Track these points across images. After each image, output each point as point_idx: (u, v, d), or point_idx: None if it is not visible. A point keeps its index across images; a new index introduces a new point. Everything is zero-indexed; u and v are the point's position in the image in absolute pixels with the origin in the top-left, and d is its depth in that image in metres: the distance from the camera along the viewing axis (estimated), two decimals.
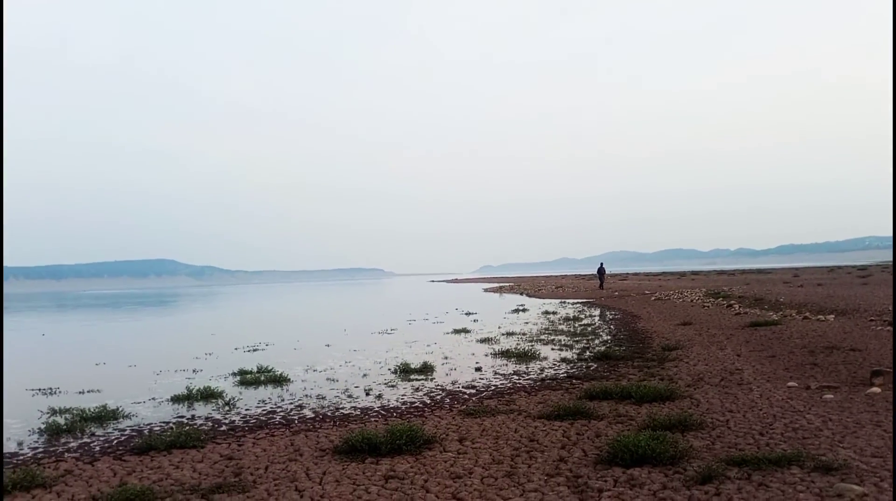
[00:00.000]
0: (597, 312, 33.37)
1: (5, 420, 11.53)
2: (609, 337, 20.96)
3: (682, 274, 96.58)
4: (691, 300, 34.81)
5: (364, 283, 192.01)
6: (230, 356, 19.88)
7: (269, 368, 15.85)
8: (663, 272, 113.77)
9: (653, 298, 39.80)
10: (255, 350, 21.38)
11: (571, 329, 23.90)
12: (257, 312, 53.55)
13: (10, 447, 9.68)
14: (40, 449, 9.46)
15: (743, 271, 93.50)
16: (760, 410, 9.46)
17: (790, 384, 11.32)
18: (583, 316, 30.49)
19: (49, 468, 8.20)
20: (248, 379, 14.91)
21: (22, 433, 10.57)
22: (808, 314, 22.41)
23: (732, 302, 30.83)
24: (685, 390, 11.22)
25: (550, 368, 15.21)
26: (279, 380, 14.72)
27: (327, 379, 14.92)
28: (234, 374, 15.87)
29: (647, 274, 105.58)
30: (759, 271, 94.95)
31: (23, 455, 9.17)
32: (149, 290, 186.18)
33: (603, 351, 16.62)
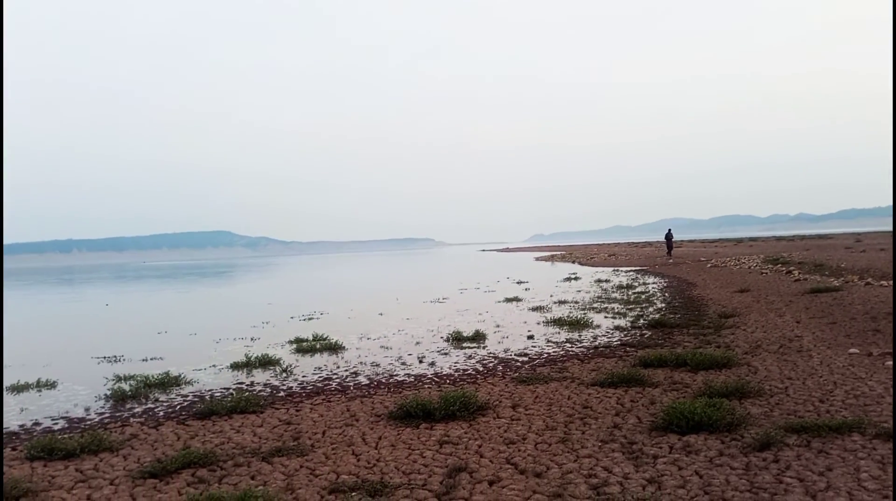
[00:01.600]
0: (651, 280, 32.96)
1: (74, 387, 12.03)
2: (663, 305, 20.71)
3: (739, 241, 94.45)
4: (749, 267, 34.08)
5: (415, 253, 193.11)
6: (286, 325, 20.27)
7: (325, 336, 16.12)
8: (719, 239, 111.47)
9: (708, 265, 39.08)
10: (310, 319, 21.76)
11: (625, 297, 23.67)
12: (311, 282, 54.36)
13: (77, 412, 10.09)
14: (107, 415, 9.83)
15: (802, 237, 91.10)
16: (820, 377, 9.27)
17: (851, 350, 11.05)
18: (636, 284, 30.16)
19: (115, 432, 8.52)
20: (304, 347, 15.21)
21: (89, 399, 10.99)
22: (870, 279, 21.73)
23: (791, 268, 30.08)
24: (742, 357, 11.05)
25: (603, 336, 15.13)
26: (334, 348, 14.98)
27: (381, 347, 15.11)
28: (290, 342, 16.20)
29: (702, 241, 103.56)
30: (820, 237, 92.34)
31: (90, 420, 9.55)
32: (206, 261, 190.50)
33: (657, 319, 16.45)
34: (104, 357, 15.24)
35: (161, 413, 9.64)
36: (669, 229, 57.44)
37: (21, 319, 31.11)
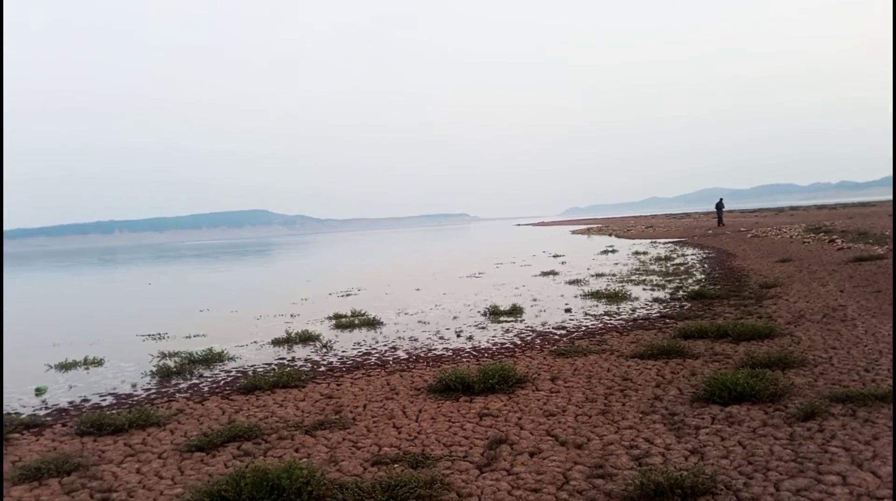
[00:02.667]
0: (689, 251, 32.56)
1: (120, 364, 12.32)
2: (703, 276, 20.47)
3: (780, 210, 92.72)
4: (790, 236, 33.46)
5: (450, 228, 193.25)
6: (325, 301, 20.48)
7: (363, 312, 16.26)
8: (760, 209, 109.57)
9: (749, 235, 38.46)
10: (348, 295, 21.94)
11: (663, 269, 23.44)
12: (348, 258, 54.74)
13: (124, 389, 10.34)
14: (153, 390, 10.06)
15: (845, 205, 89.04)
16: (866, 346, 9.11)
17: None
18: (675, 256, 29.83)
19: (162, 407, 8.72)
20: (343, 323, 15.36)
21: (135, 375, 11.25)
22: None
23: (834, 237, 29.46)
24: (785, 327, 10.90)
25: (642, 308, 15.01)
26: (373, 323, 15.10)
27: (419, 322, 15.19)
28: (329, 318, 16.37)
29: (742, 211, 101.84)
30: (863, 205, 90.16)
31: (137, 396, 9.78)
32: (244, 240, 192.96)
33: (697, 290, 16.26)
34: (149, 335, 15.56)
35: (206, 389, 9.83)
36: (721, 199, 56.37)
37: (67, 298, 31.90)
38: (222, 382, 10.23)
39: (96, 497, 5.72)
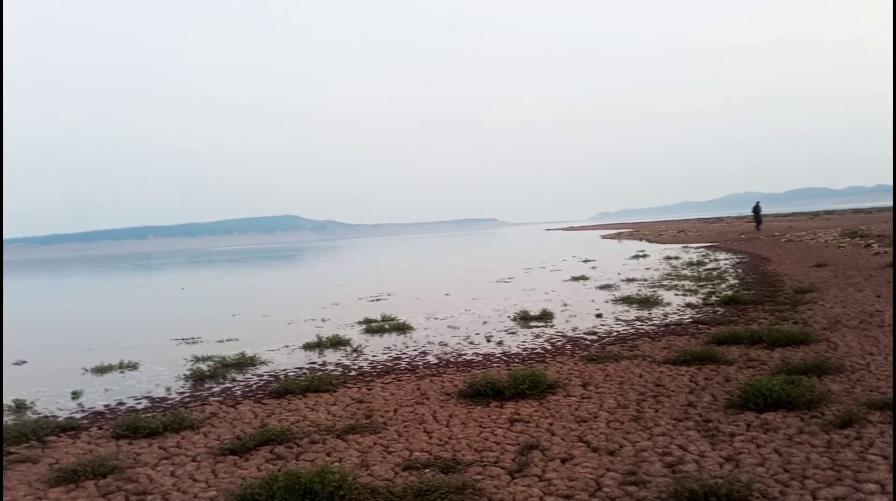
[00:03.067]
0: (722, 256, 32.18)
1: (155, 368, 12.49)
2: (736, 281, 20.21)
3: (815, 214, 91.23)
4: (825, 241, 32.93)
5: (479, 233, 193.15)
6: (355, 306, 20.57)
7: (393, 316, 16.31)
8: (794, 213, 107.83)
9: (783, 239, 37.91)
10: (377, 300, 22.02)
11: (696, 274, 23.18)
12: (377, 263, 54.95)
13: (159, 392, 10.48)
14: (187, 394, 10.18)
15: (881, 209, 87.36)
16: None
17: None
18: (707, 261, 29.50)
19: (196, 411, 8.82)
20: (373, 327, 15.43)
21: (169, 379, 11.40)
22: None
23: (871, 242, 28.91)
24: (821, 333, 10.71)
25: (674, 313, 14.86)
26: (402, 328, 15.14)
27: (448, 327, 15.20)
28: (359, 323, 16.44)
29: (776, 215, 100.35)
30: None
31: (171, 399, 9.91)
32: (275, 245, 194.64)
33: (730, 296, 16.05)
34: (182, 339, 15.75)
35: (238, 392, 9.93)
36: (757, 202, 55.42)
37: (102, 303, 32.43)
38: (255, 386, 10.32)
39: (132, 499, 5.79)
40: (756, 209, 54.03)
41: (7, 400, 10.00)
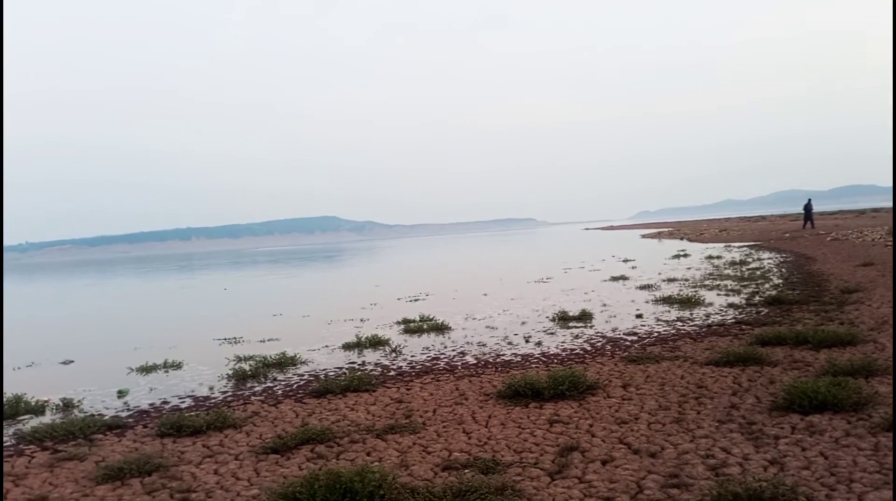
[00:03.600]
0: (766, 255, 31.61)
1: (198, 367, 12.70)
2: (780, 281, 19.83)
3: (862, 212, 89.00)
4: (872, 240, 32.13)
5: (517, 233, 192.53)
6: (393, 306, 20.67)
7: (431, 317, 16.35)
8: (840, 211, 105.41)
9: (828, 238, 37.09)
10: (416, 300, 22.09)
11: (738, 274, 22.80)
12: (415, 264, 55.12)
13: (202, 391, 10.65)
14: (229, 393, 10.33)
15: None
16: None
17: None
18: (750, 260, 28.99)
19: (238, 410, 8.95)
20: (411, 327, 15.49)
21: (212, 378, 11.58)
22: None
23: None
24: (868, 334, 10.47)
25: (716, 313, 14.65)
26: (440, 328, 15.17)
27: (486, 327, 15.18)
28: (398, 323, 16.52)
29: (821, 213, 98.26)
30: None
31: (214, 398, 10.06)
32: (315, 245, 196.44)
33: (774, 295, 15.76)
34: (224, 339, 15.99)
35: (279, 392, 10.04)
36: (809, 200, 54.13)
37: (147, 304, 33.07)
38: (295, 385, 10.43)
39: (176, 497, 5.90)
40: (807, 207, 52.79)
41: (55, 399, 10.27)
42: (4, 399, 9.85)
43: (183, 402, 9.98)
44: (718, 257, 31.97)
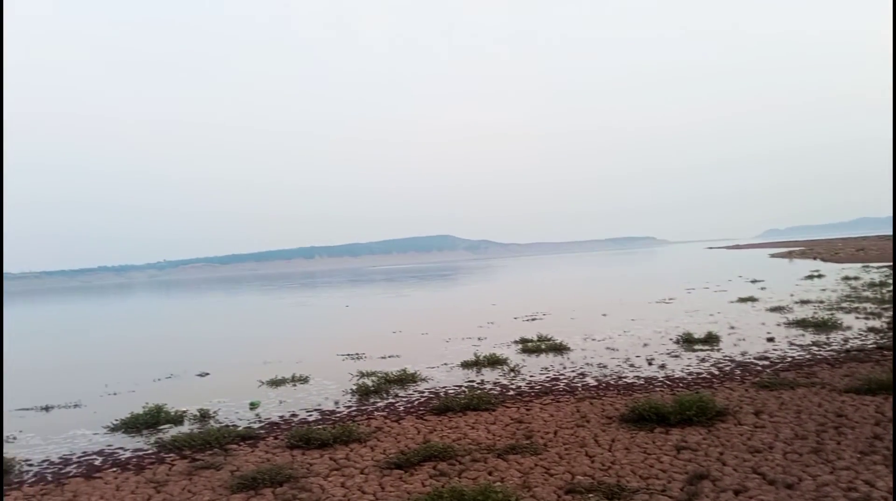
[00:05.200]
0: None
1: (323, 382, 13.11)
2: None
3: None
4: None
5: (636, 252, 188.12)
6: (510, 325, 20.64)
7: (549, 336, 16.21)
8: None
9: None
10: (533, 320, 21.98)
11: (879, 296, 21.39)
12: (531, 283, 54.84)
13: (328, 405, 10.99)
14: (354, 408, 10.61)
15: None
16: None
17: None
18: (891, 281, 27.12)
19: (363, 424, 9.17)
20: (529, 347, 15.41)
21: (337, 393, 11.93)
22: None
23: None
24: None
25: (856, 338, 13.79)
26: (559, 348, 15.01)
27: (606, 348, 14.90)
28: (515, 342, 16.47)
29: None
30: None
31: (339, 412, 10.36)
32: (431, 264, 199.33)
33: None
34: (347, 354, 16.45)
35: (401, 408, 10.23)
36: None
37: (275, 319, 34.49)
38: (416, 402, 10.59)
39: None
40: None
41: (192, 410, 10.86)
42: (146, 409, 10.52)
43: (310, 415, 10.33)
44: (856, 278, 30.12)
